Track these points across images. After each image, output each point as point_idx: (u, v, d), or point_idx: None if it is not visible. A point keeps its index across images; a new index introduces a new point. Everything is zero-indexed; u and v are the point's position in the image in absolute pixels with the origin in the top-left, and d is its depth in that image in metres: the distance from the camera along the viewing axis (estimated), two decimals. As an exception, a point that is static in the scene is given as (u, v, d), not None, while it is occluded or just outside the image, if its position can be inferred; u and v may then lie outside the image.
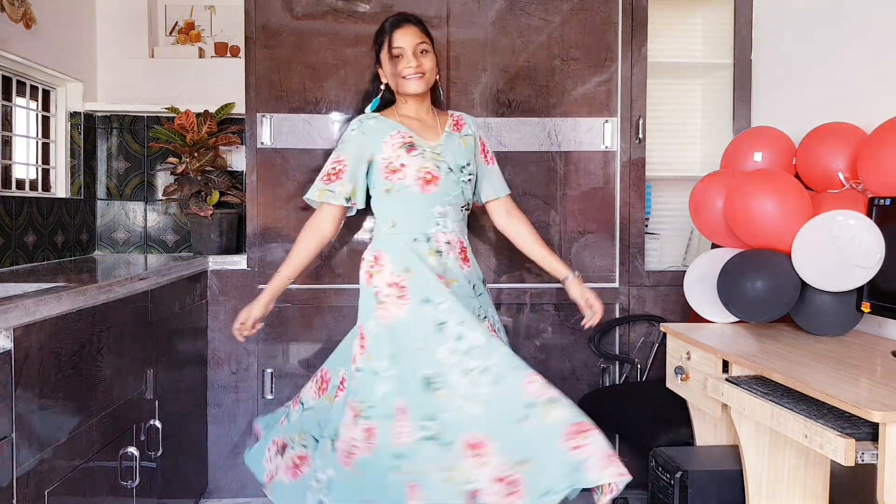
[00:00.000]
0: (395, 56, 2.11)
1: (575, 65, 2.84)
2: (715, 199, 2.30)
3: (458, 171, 2.13)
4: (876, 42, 2.25)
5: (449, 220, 2.12)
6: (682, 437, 2.26)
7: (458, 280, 2.11)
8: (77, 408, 1.72)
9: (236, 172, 3.18)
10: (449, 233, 2.12)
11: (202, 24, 3.34)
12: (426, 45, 2.13)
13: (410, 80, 2.10)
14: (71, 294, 1.69)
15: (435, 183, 2.09)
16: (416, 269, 2.06)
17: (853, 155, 2.11)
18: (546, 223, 2.86)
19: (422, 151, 2.11)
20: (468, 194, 2.19)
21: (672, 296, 2.87)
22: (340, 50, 2.80)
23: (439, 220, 2.11)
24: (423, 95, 2.16)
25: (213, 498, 2.84)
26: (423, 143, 2.13)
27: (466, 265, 2.16)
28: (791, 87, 2.69)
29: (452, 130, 2.20)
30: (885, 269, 1.92)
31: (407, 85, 2.11)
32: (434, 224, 2.10)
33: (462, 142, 2.20)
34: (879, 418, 1.38)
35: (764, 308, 2.09)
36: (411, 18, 2.17)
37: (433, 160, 2.10)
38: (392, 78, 2.13)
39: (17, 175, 2.73)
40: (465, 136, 2.22)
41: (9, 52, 2.49)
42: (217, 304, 2.81)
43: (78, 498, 1.72)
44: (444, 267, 2.10)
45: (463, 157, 2.16)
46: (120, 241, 3.19)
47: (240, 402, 2.82)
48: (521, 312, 2.86)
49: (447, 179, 2.11)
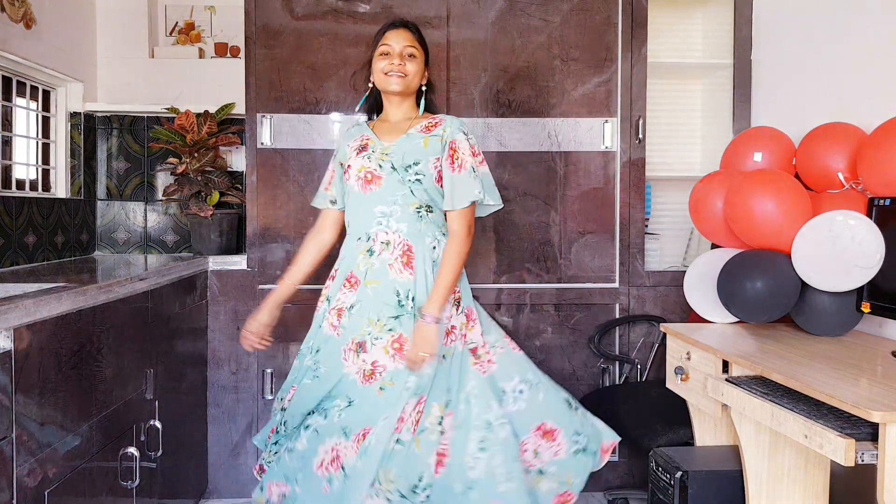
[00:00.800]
0: (382, 53, 2.13)
1: (575, 65, 2.84)
2: (715, 199, 2.30)
3: (404, 171, 2.07)
4: (876, 42, 2.25)
5: (393, 220, 2.07)
6: (682, 437, 2.26)
7: (380, 283, 2.05)
8: (77, 408, 1.72)
9: (236, 172, 3.18)
10: (392, 233, 2.07)
11: (202, 24, 3.34)
12: (415, 51, 2.13)
13: (391, 77, 2.10)
14: (71, 294, 1.69)
15: (376, 183, 2.08)
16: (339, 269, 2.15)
17: (853, 155, 2.11)
18: (546, 223, 2.86)
19: (371, 152, 2.11)
20: (423, 195, 2.08)
21: (672, 296, 2.87)
22: (340, 50, 2.80)
23: (381, 220, 2.08)
24: (401, 97, 2.15)
25: (213, 498, 2.84)
26: (378, 143, 2.13)
27: (406, 270, 2.05)
28: (791, 87, 2.69)
29: (421, 132, 2.12)
30: (885, 270, 1.92)
31: (387, 82, 2.11)
32: (376, 223, 2.08)
33: (423, 142, 2.10)
34: (879, 418, 1.38)
35: (764, 308, 2.09)
36: (409, 24, 2.18)
37: (378, 160, 2.09)
38: (376, 74, 2.14)
39: (17, 175, 2.73)
40: (431, 137, 2.10)
41: (9, 52, 2.49)
42: (217, 304, 2.81)
43: (78, 498, 1.72)
44: (368, 267, 2.07)
45: (413, 156, 2.08)
46: (120, 242, 3.19)
47: (240, 402, 2.83)
48: (521, 312, 2.86)
49: (390, 179, 2.07)
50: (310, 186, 2.82)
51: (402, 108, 2.17)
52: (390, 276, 2.05)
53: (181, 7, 3.32)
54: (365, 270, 2.06)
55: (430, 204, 2.10)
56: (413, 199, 2.08)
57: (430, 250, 2.09)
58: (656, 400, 2.47)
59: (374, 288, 2.05)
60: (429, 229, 2.09)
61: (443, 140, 2.10)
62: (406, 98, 2.16)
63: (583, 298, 2.87)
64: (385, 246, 2.07)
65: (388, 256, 2.06)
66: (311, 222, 2.80)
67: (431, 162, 2.08)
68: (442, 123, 2.12)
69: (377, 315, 2.03)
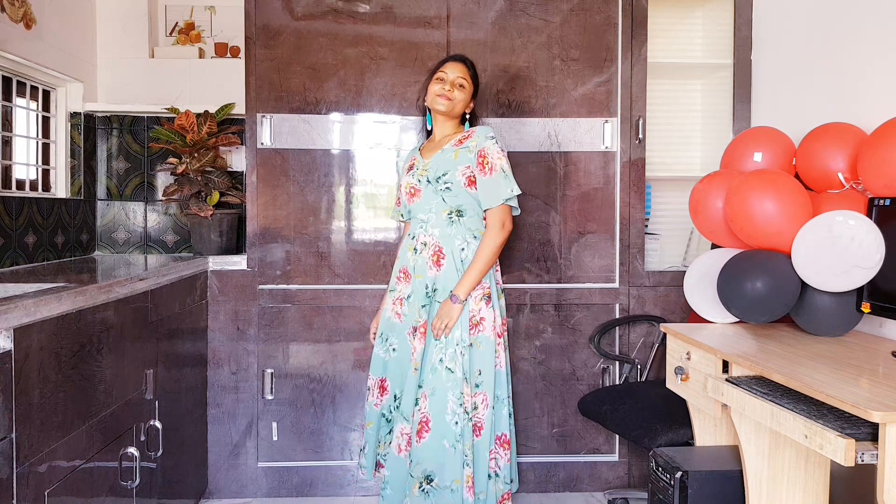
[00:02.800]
0: (438, 78, 2.44)
1: (575, 65, 2.84)
2: (715, 199, 2.30)
3: (436, 182, 2.39)
4: (876, 42, 2.25)
5: (429, 226, 2.41)
6: (682, 437, 2.26)
7: (422, 277, 2.40)
8: (77, 408, 1.72)
9: (236, 172, 3.18)
10: (428, 236, 2.41)
11: (202, 24, 3.34)
12: (465, 82, 2.43)
13: (439, 98, 2.41)
14: (71, 294, 1.69)
15: (418, 195, 2.43)
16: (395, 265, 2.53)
17: (853, 155, 2.11)
18: (546, 223, 2.86)
19: (416, 170, 2.45)
20: (453, 201, 2.38)
21: (672, 296, 2.87)
22: (340, 50, 2.80)
23: (422, 225, 2.43)
24: (445, 117, 2.45)
25: (212, 498, 2.84)
26: (421, 162, 2.46)
27: (436, 267, 2.39)
28: (791, 87, 2.69)
29: (454, 146, 2.40)
30: (885, 270, 1.92)
31: (435, 101, 2.42)
32: (419, 228, 2.44)
33: (454, 154, 2.39)
34: (879, 418, 1.38)
35: (764, 308, 2.08)
36: (466, 60, 2.49)
37: (418, 176, 2.43)
38: (430, 95, 2.45)
39: (17, 175, 2.73)
40: (462, 149, 2.38)
41: (9, 52, 2.49)
42: (217, 304, 2.81)
43: (78, 498, 1.72)
44: (416, 262, 2.42)
45: (443, 168, 2.38)
46: (120, 242, 3.19)
47: (240, 402, 2.83)
48: (521, 312, 2.87)
49: (427, 191, 2.41)
50: (310, 186, 2.82)
51: (445, 127, 2.48)
52: (430, 273, 2.39)
53: (181, 7, 3.32)
54: (413, 265, 2.42)
55: (461, 209, 2.39)
56: (444, 206, 2.39)
57: (459, 251, 2.38)
58: (656, 400, 2.47)
59: (419, 280, 2.40)
60: (459, 232, 2.39)
61: (473, 150, 2.37)
62: (450, 119, 2.47)
63: (583, 298, 2.87)
64: (424, 246, 2.41)
65: (426, 255, 2.39)
66: (311, 222, 2.82)
67: (460, 171, 2.36)
68: (473, 135, 2.40)
69: (420, 303, 2.38)
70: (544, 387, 2.89)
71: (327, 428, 2.85)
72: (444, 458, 2.30)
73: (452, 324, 2.31)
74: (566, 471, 2.90)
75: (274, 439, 2.83)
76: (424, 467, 2.31)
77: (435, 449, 2.30)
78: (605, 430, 2.88)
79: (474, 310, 2.36)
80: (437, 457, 2.31)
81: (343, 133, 2.82)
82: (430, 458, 2.31)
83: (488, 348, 2.36)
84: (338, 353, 2.84)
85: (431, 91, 2.44)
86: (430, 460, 2.31)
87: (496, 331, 2.38)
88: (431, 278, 2.38)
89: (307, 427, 2.84)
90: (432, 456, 2.31)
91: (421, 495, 2.31)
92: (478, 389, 2.36)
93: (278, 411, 2.83)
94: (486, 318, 2.36)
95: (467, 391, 2.33)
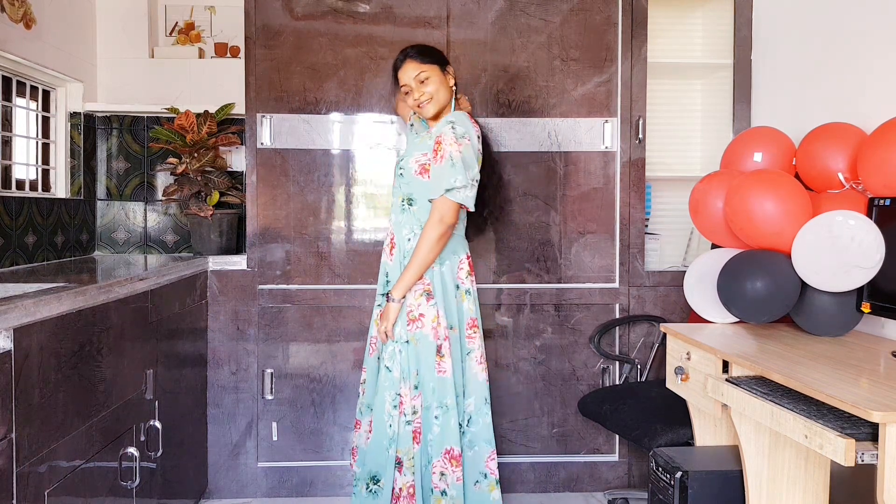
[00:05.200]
0: (405, 93, 2.33)
1: (575, 65, 2.84)
2: (715, 199, 2.30)
3: (397, 168, 2.38)
4: (876, 42, 2.25)
5: (392, 213, 2.40)
6: (682, 437, 2.26)
7: (383, 265, 2.41)
8: (77, 408, 1.72)
9: (236, 172, 3.18)
10: (391, 224, 2.40)
11: (202, 24, 3.34)
12: (425, 73, 2.28)
13: (423, 107, 2.31)
14: (71, 294, 1.69)
15: (394, 183, 2.41)
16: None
17: (853, 155, 2.11)
18: (546, 223, 2.86)
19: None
20: (406, 188, 2.32)
21: (672, 296, 2.87)
22: (340, 50, 2.80)
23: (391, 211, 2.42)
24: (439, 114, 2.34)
25: (212, 498, 2.84)
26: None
27: (390, 256, 2.36)
28: (791, 87, 2.69)
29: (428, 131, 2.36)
30: (885, 270, 1.92)
31: (421, 112, 2.34)
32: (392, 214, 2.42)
33: (420, 139, 2.35)
34: (879, 418, 1.38)
35: (764, 308, 2.08)
36: (409, 52, 2.32)
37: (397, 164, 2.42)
38: (411, 113, 2.46)
39: (17, 175, 2.73)
40: (428, 135, 2.33)
41: (9, 52, 2.49)
42: (217, 304, 2.81)
43: (78, 498, 1.72)
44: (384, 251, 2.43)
45: (406, 153, 2.36)
46: (120, 242, 3.19)
47: (240, 402, 2.83)
48: (520, 312, 2.86)
49: (396, 177, 2.39)
50: (310, 186, 2.82)
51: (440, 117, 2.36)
52: (383, 259, 2.40)
53: (181, 7, 3.32)
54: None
55: (412, 198, 2.31)
56: (399, 193, 2.35)
57: (406, 241, 2.32)
58: (656, 400, 2.47)
59: (381, 270, 2.41)
60: (408, 221, 2.33)
61: (433, 136, 2.27)
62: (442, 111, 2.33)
63: (583, 298, 2.87)
64: (386, 235, 2.40)
65: (385, 243, 2.40)
66: (311, 222, 2.82)
67: (414, 157, 2.30)
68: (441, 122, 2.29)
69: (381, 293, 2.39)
70: (544, 387, 2.89)
71: (327, 428, 2.85)
72: (385, 460, 2.26)
73: (391, 325, 2.24)
74: (566, 471, 2.90)
75: (274, 439, 2.83)
76: (370, 468, 2.28)
77: (377, 450, 2.27)
78: (605, 430, 2.88)
79: (412, 305, 2.25)
80: (378, 457, 2.27)
81: (343, 133, 2.82)
82: (373, 458, 2.28)
83: (426, 348, 2.24)
84: (338, 353, 2.84)
85: (408, 108, 2.42)
86: (373, 461, 2.28)
87: (437, 331, 2.25)
88: (387, 267, 2.38)
89: (307, 427, 2.84)
90: (375, 457, 2.27)
91: (369, 496, 2.28)
92: (415, 392, 2.26)
93: (278, 411, 2.83)
94: (425, 314, 2.25)
95: (406, 392, 2.24)
